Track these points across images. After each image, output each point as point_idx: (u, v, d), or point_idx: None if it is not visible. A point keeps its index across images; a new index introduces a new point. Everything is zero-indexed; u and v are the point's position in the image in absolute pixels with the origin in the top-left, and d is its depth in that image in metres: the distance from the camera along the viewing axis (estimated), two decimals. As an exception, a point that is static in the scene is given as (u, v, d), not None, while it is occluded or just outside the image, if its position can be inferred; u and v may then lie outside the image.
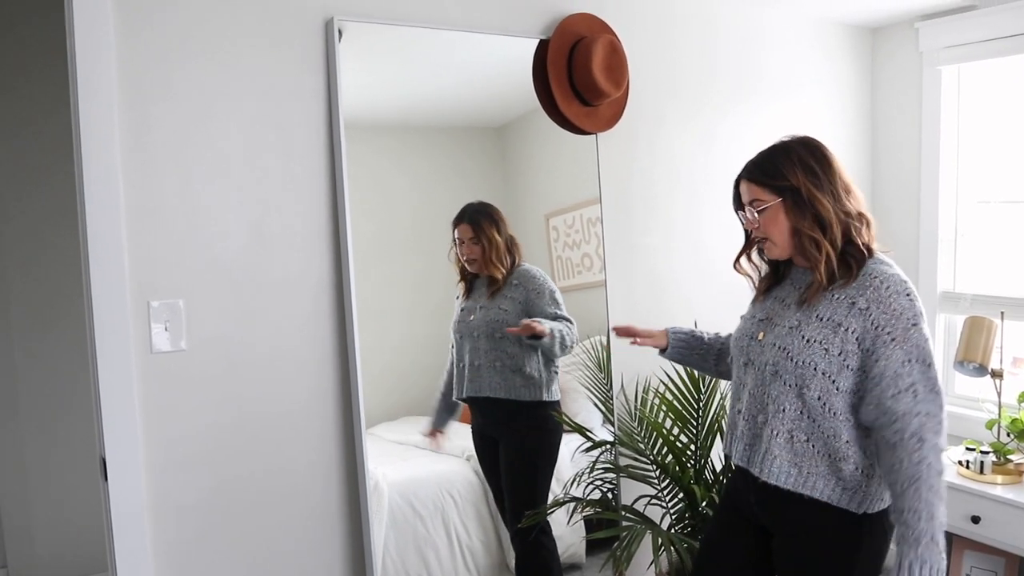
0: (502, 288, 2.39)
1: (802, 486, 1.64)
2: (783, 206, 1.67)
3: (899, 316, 1.55)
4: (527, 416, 2.43)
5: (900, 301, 1.56)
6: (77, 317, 2.18)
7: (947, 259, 3.08)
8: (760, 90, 2.94)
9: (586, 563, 2.67)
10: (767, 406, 1.68)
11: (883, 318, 1.56)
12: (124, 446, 1.84)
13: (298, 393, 2.09)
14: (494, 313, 2.38)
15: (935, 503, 1.50)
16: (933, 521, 1.50)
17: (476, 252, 2.38)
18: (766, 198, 1.68)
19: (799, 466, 1.64)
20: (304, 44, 2.06)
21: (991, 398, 2.66)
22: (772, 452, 1.66)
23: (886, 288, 1.57)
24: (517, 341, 2.37)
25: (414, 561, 2.36)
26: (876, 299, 1.57)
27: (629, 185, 2.66)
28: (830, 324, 1.60)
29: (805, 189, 1.63)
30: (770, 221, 1.69)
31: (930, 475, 1.50)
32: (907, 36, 3.08)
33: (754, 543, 1.80)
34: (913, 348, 1.55)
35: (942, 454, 1.54)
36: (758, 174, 1.70)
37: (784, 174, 1.66)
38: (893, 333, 1.55)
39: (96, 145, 1.79)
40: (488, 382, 2.39)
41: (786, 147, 1.70)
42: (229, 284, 1.99)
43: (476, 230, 2.37)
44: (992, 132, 2.97)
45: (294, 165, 2.06)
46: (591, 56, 2.36)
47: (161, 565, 1.92)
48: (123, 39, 1.83)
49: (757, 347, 1.72)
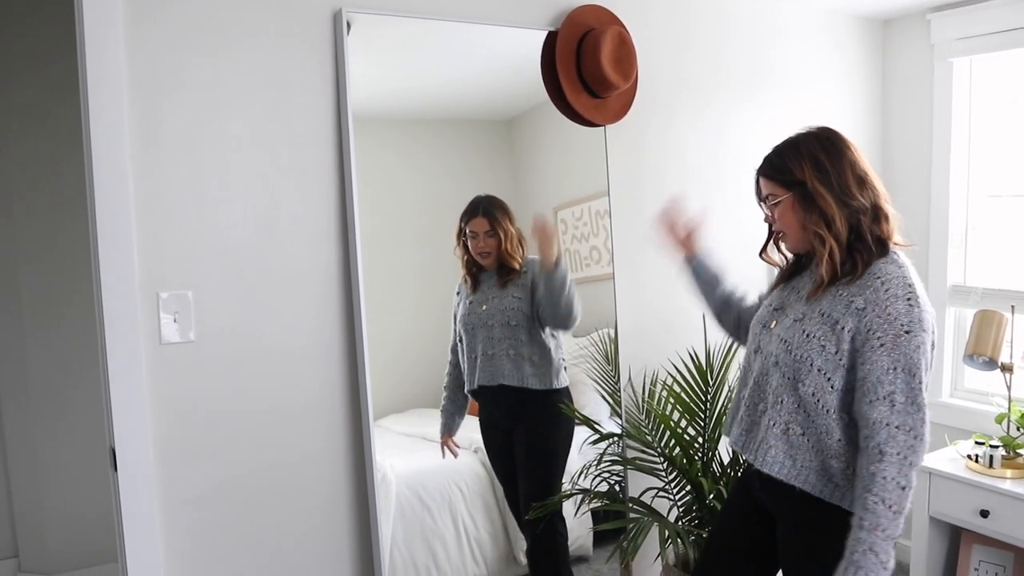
0: (514, 278, 2.40)
1: (795, 478, 1.64)
2: (792, 200, 1.67)
3: (892, 321, 1.52)
4: (540, 405, 2.43)
5: (897, 306, 1.53)
6: (88, 309, 2.19)
7: (957, 253, 3.06)
8: (771, 83, 2.93)
9: (593, 555, 2.68)
10: (767, 396, 1.69)
11: (876, 321, 1.53)
12: (133, 437, 1.85)
13: (306, 385, 2.10)
14: (508, 302, 2.39)
15: (882, 515, 1.47)
16: (875, 532, 1.48)
17: (491, 245, 2.38)
18: (778, 193, 1.69)
19: (793, 458, 1.64)
20: (313, 36, 2.06)
21: (1001, 392, 2.65)
22: (768, 442, 1.67)
23: (885, 291, 1.55)
24: (528, 330, 2.39)
25: (422, 553, 2.36)
26: (874, 300, 1.55)
27: (638, 178, 2.66)
28: (829, 321, 1.59)
29: (811, 184, 1.63)
30: (783, 215, 1.70)
31: (884, 488, 1.48)
32: (918, 28, 3.06)
33: (760, 530, 1.80)
34: (900, 357, 1.51)
35: (910, 469, 1.50)
36: (770, 169, 1.71)
37: (791, 169, 1.66)
38: (883, 339, 1.52)
39: (105, 137, 1.80)
40: (502, 370, 2.40)
41: (796, 141, 1.70)
42: (238, 275, 2.00)
43: (492, 223, 2.38)
44: (1004, 125, 2.95)
45: (303, 157, 2.07)
46: (600, 48, 2.35)
47: (171, 555, 1.94)
48: (132, 31, 1.84)
49: (767, 336, 1.73)
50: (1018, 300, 2.73)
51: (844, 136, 1.69)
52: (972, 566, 2.63)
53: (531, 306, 2.39)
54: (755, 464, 1.71)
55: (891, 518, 1.48)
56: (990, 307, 2.71)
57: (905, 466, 1.49)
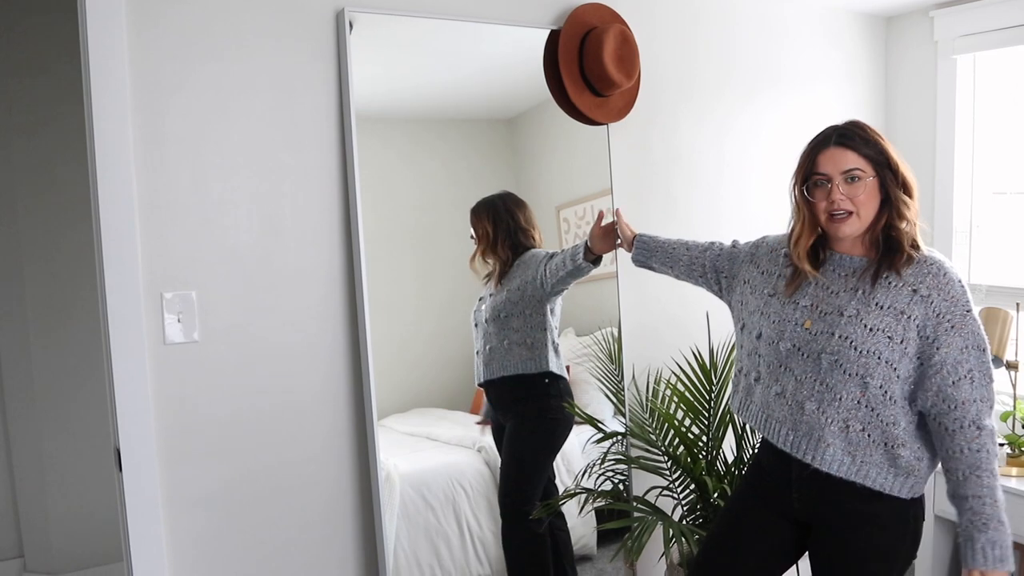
0: (508, 272, 2.43)
1: (855, 474, 1.64)
2: (877, 183, 1.63)
3: (956, 303, 1.57)
4: (535, 399, 2.44)
5: (956, 288, 1.58)
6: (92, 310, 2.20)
7: (962, 250, 3.05)
8: (774, 80, 2.92)
9: (597, 554, 2.68)
10: (821, 395, 1.65)
11: (944, 305, 1.57)
12: (138, 437, 1.86)
13: (310, 385, 2.10)
14: (500, 297, 2.43)
15: (996, 487, 1.56)
16: (997, 504, 1.55)
17: (475, 246, 2.43)
18: (866, 171, 1.62)
19: (853, 455, 1.63)
20: (315, 36, 2.06)
21: (1006, 390, 2.64)
22: (826, 440, 1.64)
23: (944, 275, 1.59)
24: (521, 316, 2.41)
25: (426, 552, 2.37)
26: (936, 286, 1.58)
27: (641, 175, 2.65)
28: (892, 312, 1.59)
29: (896, 169, 1.62)
30: (866, 193, 1.62)
31: (990, 461, 1.55)
32: (922, 25, 3.05)
33: (779, 536, 1.79)
34: (970, 335, 1.57)
35: (994, 435, 1.58)
36: (861, 143, 1.62)
37: (884, 149, 1.63)
38: (952, 320, 1.56)
39: (109, 138, 1.80)
40: (501, 363, 2.42)
41: (864, 126, 1.67)
42: (242, 276, 2.00)
43: (474, 223, 2.42)
44: (1008, 122, 2.94)
45: (306, 157, 2.07)
46: (602, 46, 2.35)
47: (176, 555, 1.94)
48: (136, 33, 1.84)
49: (805, 335, 1.67)
50: (1023, 298, 2.72)
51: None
52: (977, 564, 2.62)
53: (521, 294, 2.41)
54: (812, 464, 1.66)
55: (999, 488, 1.56)
56: (995, 305, 2.70)
57: (993, 436, 1.57)
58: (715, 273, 1.99)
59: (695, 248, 2.04)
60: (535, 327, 2.43)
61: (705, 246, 2.04)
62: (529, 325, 2.42)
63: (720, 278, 1.98)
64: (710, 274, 2.00)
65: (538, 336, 2.43)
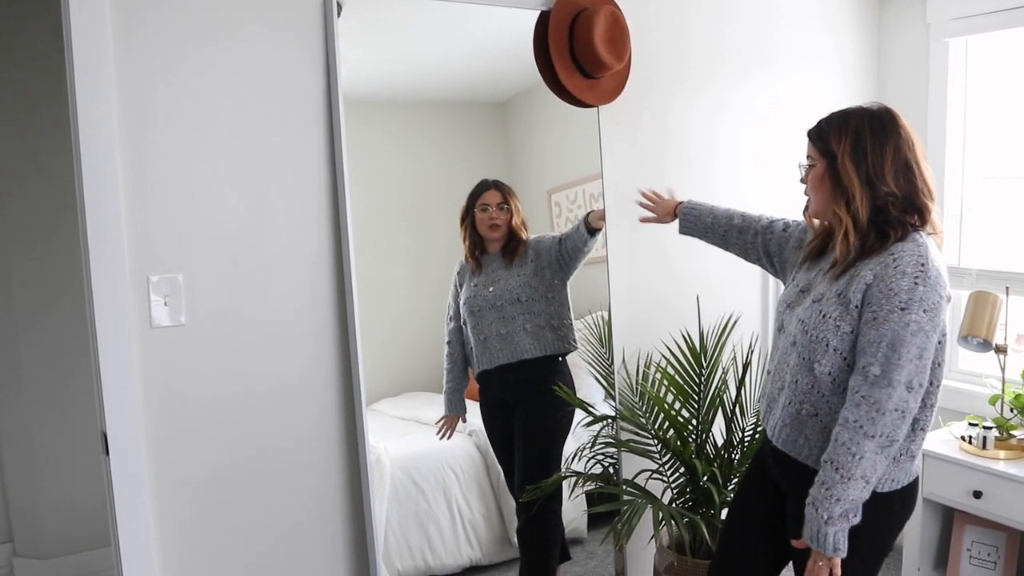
0: (520, 255, 2.42)
1: (806, 457, 1.66)
2: (823, 169, 1.67)
3: (891, 297, 1.51)
4: (550, 380, 2.43)
5: (901, 282, 1.51)
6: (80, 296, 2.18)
7: (952, 234, 3.05)
8: (767, 62, 2.90)
9: (588, 537, 2.69)
10: (786, 375, 1.70)
11: (877, 296, 1.53)
12: (125, 421, 1.85)
13: (298, 368, 2.09)
14: (515, 280, 2.42)
15: (828, 473, 1.53)
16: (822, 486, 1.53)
17: (503, 219, 2.41)
18: (814, 157, 1.69)
19: (806, 436, 1.65)
20: (303, 19, 2.04)
21: (995, 374, 2.65)
22: (783, 420, 1.69)
23: (896, 266, 1.53)
24: (543, 299, 2.43)
25: (416, 535, 2.37)
26: (882, 275, 1.54)
27: (632, 159, 2.64)
28: (843, 301, 1.59)
29: (841, 159, 1.62)
30: (812, 180, 1.70)
31: (834, 449, 1.53)
32: (915, 7, 3.03)
33: (775, 507, 1.80)
34: (888, 332, 1.51)
35: (864, 439, 1.50)
36: (814, 132, 1.71)
37: (830, 139, 1.66)
38: (877, 313, 1.52)
39: (93, 122, 1.78)
40: (520, 346, 2.42)
41: (848, 113, 1.68)
42: (229, 259, 1.99)
43: (506, 195, 2.42)
44: (999, 107, 2.93)
45: (293, 140, 2.05)
46: (593, 27, 2.33)
47: (164, 539, 1.93)
48: (121, 17, 1.81)
49: (790, 315, 1.73)
50: (1013, 281, 2.72)
51: (902, 122, 1.66)
52: (965, 547, 2.64)
53: (538, 277, 2.43)
54: (772, 441, 1.73)
55: (834, 478, 1.52)
56: (985, 288, 2.70)
57: (859, 435, 1.51)
58: (768, 257, 2.02)
59: (748, 231, 2.04)
60: (561, 306, 2.47)
61: (756, 229, 2.02)
62: (553, 306, 2.45)
63: (774, 261, 2.01)
64: (764, 259, 2.03)
65: (564, 317, 2.47)
